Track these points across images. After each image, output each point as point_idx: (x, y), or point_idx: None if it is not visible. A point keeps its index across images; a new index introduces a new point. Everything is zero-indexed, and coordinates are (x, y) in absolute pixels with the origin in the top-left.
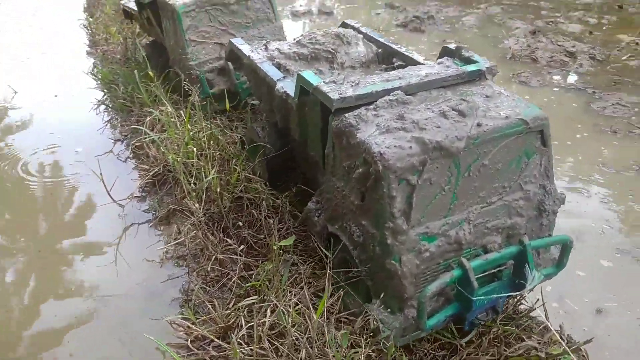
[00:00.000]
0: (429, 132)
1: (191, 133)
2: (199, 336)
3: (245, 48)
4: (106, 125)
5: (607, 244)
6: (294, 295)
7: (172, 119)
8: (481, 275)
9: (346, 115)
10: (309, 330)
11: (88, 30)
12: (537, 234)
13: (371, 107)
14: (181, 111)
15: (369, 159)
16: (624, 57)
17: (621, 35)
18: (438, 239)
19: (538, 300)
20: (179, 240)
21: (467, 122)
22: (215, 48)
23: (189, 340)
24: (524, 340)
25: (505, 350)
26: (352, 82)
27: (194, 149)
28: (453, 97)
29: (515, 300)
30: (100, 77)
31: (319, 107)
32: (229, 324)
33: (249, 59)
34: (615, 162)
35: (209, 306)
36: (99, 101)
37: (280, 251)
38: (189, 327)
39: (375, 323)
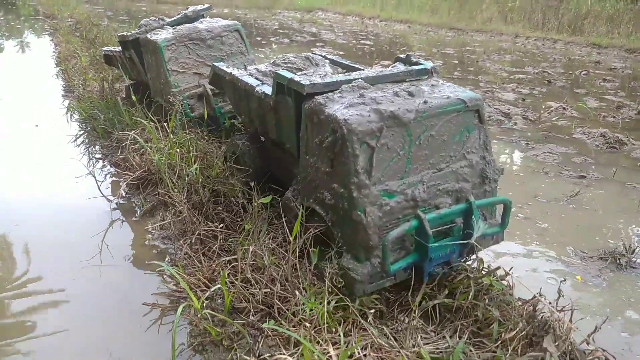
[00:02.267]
0: (384, 105)
1: (173, 140)
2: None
3: (227, 68)
4: (87, 148)
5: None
6: (272, 239)
7: (155, 133)
8: (436, 230)
9: (316, 97)
10: (284, 268)
11: (64, 76)
12: (481, 199)
13: (337, 91)
14: (164, 123)
15: (336, 127)
16: (553, 119)
17: (550, 102)
18: (397, 196)
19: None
20: (165, 221)
21: (415, 100)
22: (195, 77)
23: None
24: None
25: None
26: (321, 74)
27: (178, 150)
28: (404, 84)
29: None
30: (78, 111)
31: (292, 100)
32: (213, 274)
33: (231, 75)
34: (547, 195)
35: (196, 262)
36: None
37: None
38: (179, 275)
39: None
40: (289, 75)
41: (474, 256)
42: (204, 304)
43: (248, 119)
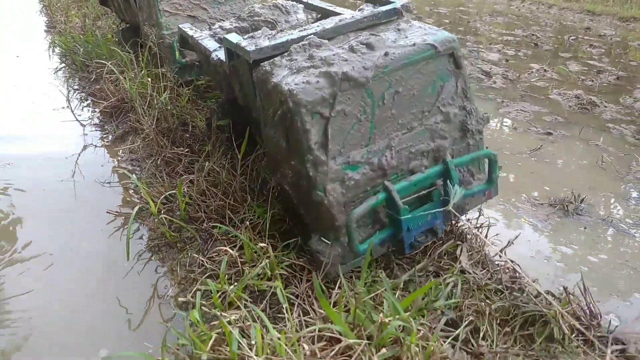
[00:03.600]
0: (336, 66)
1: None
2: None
3: (189, 30)
4: (66, 80)
5: None
6: (229, 159)
7: (130, 64)
8: (413, 197)
9: (262, 63)
10: (235, 182)
11: (47, 12)
12: (465, 155)
13: (286, 54)
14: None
15: (282, 99)
16: (533, 80)
17: (533, 64)
18: (361, 167)
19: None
20: (134, 145)
21: (375, 54)
22: (188, 21)
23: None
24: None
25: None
26: (269, 35)
27: (149, 80)
28: (364, 34)
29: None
30: (59, 45)
31: (247, 65)
32: (174, 190)
33: (192, 38)
34: (512, 149)
35: (159, 179)
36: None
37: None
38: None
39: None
40: (235, 39)
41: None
42: (162, 212)
43: (217, 84)
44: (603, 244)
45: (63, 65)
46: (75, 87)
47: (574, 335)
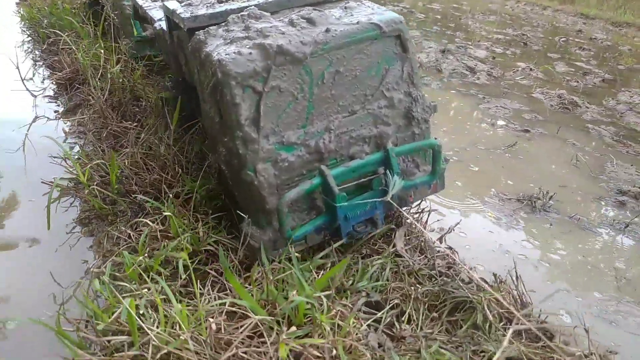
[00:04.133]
0: (271, 38)
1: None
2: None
3: (140, 0)
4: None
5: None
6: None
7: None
8: (353, 184)
9: (197, 32)
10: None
11: None
12: (409, 143)
13: (223, 24)
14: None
15: (213, 70)
16: (517, 78)
17: (520, 63)
18: (297, 149)
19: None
20: (82, 117)
21: (315, 30)
22: None
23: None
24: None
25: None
26: (208, 3)
27: (102, 51)
28: (305, 9)
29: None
30: (25, 17)
31: (188, 35)
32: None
33: (142, 8)
34: (487, 144)
35: (99, 151)
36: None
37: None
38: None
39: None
40: (172, 6)
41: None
42: (95, 183)
43: (167, 58)
44: (565, 241)
45: (29, 38)
46: (37, 59)
47: (501, 323)
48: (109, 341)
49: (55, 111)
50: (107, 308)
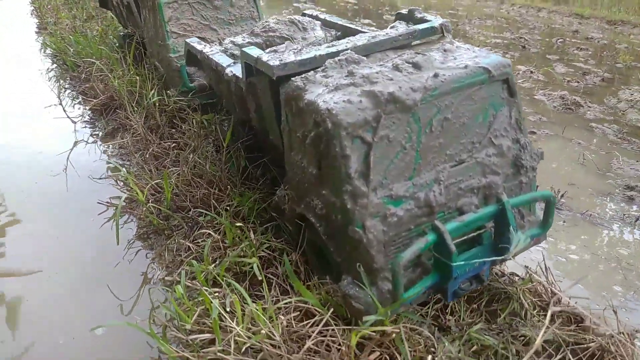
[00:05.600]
0: (380, 85)
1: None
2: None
3: (198, 45)
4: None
5: None
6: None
7: (118, 63)
8: (460, 240)
9: (293, 78)
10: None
11: (37, 13)
12: (517, 193)
13: (319, 69)
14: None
15: (318, 119)
16: (519, 81)
17: (520, 66)
18: (405, 202)
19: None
20: (123, 140)
21: (422, 75)
22: None
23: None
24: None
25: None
26: (295, 49)
27: (137, 77)
28: (407, 53)
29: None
30: (50, 46)
31: (267, 82)
32: (162, 182)
33: (202, 54)
34: None
35: (146, 170)
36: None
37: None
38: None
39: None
40: (256, 53)
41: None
42: (150, 201)
43: (229, 103)
44: (579, 236)
45: (55, 65)
46: (66, 86)
47: (535, 310)
48: (194, 339)
49: (93, 134)
50: (187, 310)
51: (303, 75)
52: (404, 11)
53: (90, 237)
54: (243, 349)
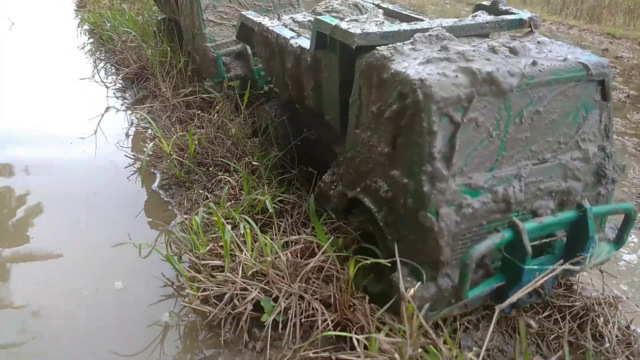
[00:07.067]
0: (478, 63)
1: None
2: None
3: (256, 17)
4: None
5: None
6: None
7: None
8: (531, 244)
9: (378, 47)
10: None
11: None
12: (593, 205)
13: (408, 42)
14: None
15: (406, 90)
16: None
17: None
18: (483, 194)
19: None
20: (152, 105)
21: (520, 60)
22: (234, 31)
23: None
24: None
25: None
26: (377, 21)
27: (169, 48)
28: (502, 37)
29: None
30: (87, 22)
31: (337, 55)
32: (186, 141)
33: (260, 26)
34: None
35: (172, 130)
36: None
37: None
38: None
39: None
40: (333, 21)
41: None
42: (173, 155)
43: (281, 81)
44: None
45: (91, 40)
46: (102, 57)
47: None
48: (206, 264)
49: (124, 101)
50: (201, 243)
51: (390, 45)
52: (486, 2)
53: (115, 187)
54: (249, 273)
